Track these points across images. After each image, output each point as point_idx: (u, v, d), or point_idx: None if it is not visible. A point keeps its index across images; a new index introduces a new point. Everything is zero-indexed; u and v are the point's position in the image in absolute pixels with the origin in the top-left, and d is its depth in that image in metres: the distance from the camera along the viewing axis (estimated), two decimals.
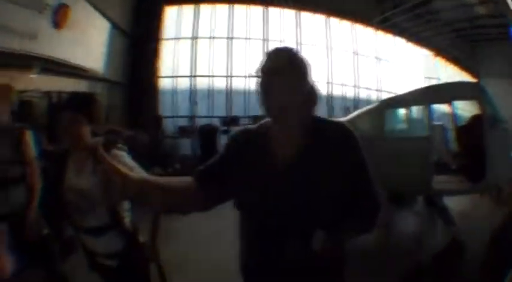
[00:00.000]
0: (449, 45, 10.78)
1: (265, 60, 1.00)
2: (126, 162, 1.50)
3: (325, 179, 0.97)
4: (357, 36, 10.30)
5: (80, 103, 1.57)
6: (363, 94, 10.26)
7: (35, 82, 4.51)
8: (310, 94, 1.02)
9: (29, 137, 2.13)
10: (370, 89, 10.43)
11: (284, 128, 1.03)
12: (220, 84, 8.51)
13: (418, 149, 3.67)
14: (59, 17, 4.88)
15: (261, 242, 1.02)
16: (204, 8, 8.86)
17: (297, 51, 1.04)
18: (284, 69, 0.97)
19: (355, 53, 10.26)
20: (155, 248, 1.67)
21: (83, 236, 1.65)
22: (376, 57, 10.66)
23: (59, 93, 4.89)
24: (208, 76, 8.64)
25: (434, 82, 9.67)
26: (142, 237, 1.70)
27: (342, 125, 1.06)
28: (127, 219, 1.66)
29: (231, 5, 8.95)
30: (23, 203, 2.09)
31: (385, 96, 9.28)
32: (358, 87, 10.25)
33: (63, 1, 4.91)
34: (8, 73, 4.12)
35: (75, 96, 1.70)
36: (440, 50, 11.04)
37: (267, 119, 1.07)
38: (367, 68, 10.50)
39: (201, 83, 8.55)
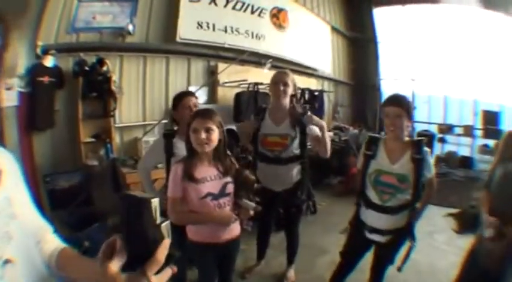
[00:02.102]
0: None
1: None
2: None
3: None
4: None
5: (404, 102, 1.94)
6: None
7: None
8: None
9: None
10: None
11: None
12: (437, 91, 7.87)
13: None
14: (279, 20, 5.48)
15: None
16: (413, 7, 7.78)
17: None
18: None
19: None
20: None
21: (369, 212, 2.04)
22: None
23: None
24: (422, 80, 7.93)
25: None
26: None
27: None
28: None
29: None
30: None
31: None
32: None
33: (279, 5, 5.48)
34: (245, 68, 4.92)
35: (399, 96, 2.03)
36: None
37: None
38: None
39: (420, 89, 8.04)
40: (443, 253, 3.40)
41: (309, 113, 2.44)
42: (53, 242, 0.87)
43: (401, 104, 1.91)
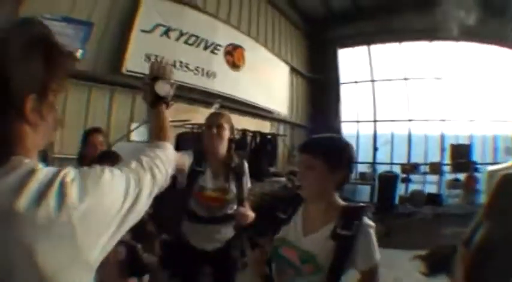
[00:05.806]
0: None
1: None
2: None
3: None
4: None
5: (321, 147, 1.66)
6: None
7: None
8: None
9: None
10: None
11: None
12: (401, 129, 8.55)
13: None
14: (233, 58, 5.77)
15: None
16: (377, 48, 8.72)
17: None
18: None
19: None
20: None
21: None
22: None
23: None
24: (388, 121, 8.77)
25: None
26: None
27: None
28: None
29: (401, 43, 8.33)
30: None
31: None
32: None
33: (235, 43, 5.81)
34: (193, 107, 5.05)
35: (318, 139, 1.68)
36: None
37: None
38: None
39: (383, 128, 8.73)
40: None
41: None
42: None
43: (315, 151, 1.44)
